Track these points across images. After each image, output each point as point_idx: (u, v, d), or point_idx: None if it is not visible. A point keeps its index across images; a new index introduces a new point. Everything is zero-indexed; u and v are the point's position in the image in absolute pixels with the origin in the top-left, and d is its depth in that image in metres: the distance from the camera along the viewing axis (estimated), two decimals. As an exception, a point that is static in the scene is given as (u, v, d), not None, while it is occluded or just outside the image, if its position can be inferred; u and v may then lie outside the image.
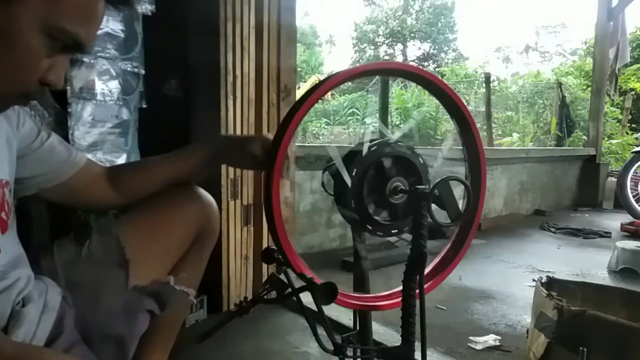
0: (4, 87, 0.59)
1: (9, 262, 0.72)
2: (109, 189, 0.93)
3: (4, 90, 0.60)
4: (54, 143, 0.84)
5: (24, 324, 0.68)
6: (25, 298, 0.72)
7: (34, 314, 0.71)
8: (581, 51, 15.00)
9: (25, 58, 0.58)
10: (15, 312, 0.68)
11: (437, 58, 25.87)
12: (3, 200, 0.70)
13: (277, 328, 1.72)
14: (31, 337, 0.68)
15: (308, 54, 20.00)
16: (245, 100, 1.84)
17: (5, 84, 0.59)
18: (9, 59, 0.57)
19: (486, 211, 4.16)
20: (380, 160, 0.88)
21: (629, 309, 1.46)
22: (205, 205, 0.99)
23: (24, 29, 0.56)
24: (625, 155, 6.30)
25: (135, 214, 0.95)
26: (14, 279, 0.71)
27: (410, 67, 0.93)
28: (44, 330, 0.71)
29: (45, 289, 0.77)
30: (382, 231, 0.91)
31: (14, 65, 0.58)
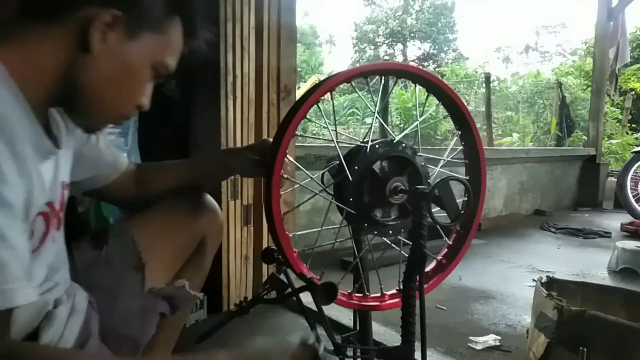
0: (117, 109, 0.70)
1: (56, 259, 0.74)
2: (133, 187, 0.98)
3: (117, 111, 0.70)
4: (102, 148, 0.90)
5: (54, 325, 0.70)
6: (57, 299, 0.74)
7: (63, 316, 0.73)
8: (581, 51, 15.01)
9: (137, 86, 0.70)
10: (49, 312, 0.70)
11: (437, 58, 25.87)
12: (62, 200, 0.74)
13: (277, 328, 1.72)
14: (58, 338, 0.70)
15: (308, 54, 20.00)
16: (245, 100, 1.84)
17: (118, 106, 0.70)
18: (125, 85, 0.68)
19: (486, 211, 4.16)
20: (380, 160, 0.88)
21: (629, 309, 1.46)
22: (211, 212, 1.04)
23: (140, 62, 0.68)
24: (625, 155, 6.30)
25: (144, 217, 0.98)
26: (56, 281, 0.74)
27: (410, 67, 0.93)
28: (72, 333, 0.74)
29: (73, 292, 0.79)
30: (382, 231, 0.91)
31: (129, 91, 0.69)
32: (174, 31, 0.70)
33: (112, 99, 0.68)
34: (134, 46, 0.65)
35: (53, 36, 0.61)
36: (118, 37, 0.63)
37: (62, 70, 0.62)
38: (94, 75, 0.64)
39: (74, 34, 0.61)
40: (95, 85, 0.65)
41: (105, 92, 0.66)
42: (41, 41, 0.61)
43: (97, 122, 0.71)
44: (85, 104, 0.66)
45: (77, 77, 0.63)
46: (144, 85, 0.71)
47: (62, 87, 0.63)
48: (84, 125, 0.72)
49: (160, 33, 0.68)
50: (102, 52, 0.62)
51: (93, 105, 0.66)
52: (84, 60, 0.62)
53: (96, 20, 0.61)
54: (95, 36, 0.61)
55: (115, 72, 0.66)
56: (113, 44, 0.63)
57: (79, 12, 0.61)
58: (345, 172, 0.85)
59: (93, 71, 0.64)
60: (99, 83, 0.65)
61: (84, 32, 0.61)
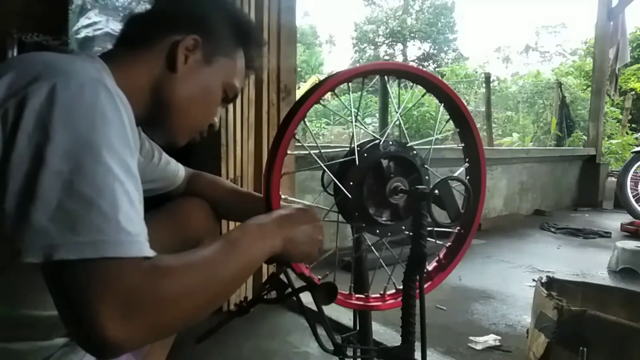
0: (196, 124, 0.80)
1: None
2: (181, 192, 1.06)
3: (195, 127, 0.81)
4: (163, 165, 1.00)
5: None
6: None
7: None
8: (581, 51, 15.02)
9: (212, 104, 0.80)
10: None
11: (437, 58, 25.89)
12: None
13: (277, 328, 1.72)
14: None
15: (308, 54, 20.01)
16: (245, 100, 1.84)
17: (197, 122, 0.80)
18: (204, 103, 0.79)
19: (486, 211, 4.16)
20: (377, 163, 0.88)
21: (629, 309, 1.46)
22: (208, 213, 1.06)
23: (215, 83, 0.79)
24: (625, 155, 6.31)
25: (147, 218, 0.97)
26: None
27: (410, 67, 0.93)
28: None
29: None
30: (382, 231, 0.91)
31: (205, 108, 0.80)
32: (240, 58, 0.82)
33: (192, 115, 0.78)
34: (210, 68, 0.77)
35: (146, 58, 0.73)
36: (197, 59, 0.75)
37: (153, 86, 0.73)
38: (178, 92, 0.74)
39: (162, 56, 0.73)
40: (179, 100, 0.75)
41: (186, 108, 0.76)
42: (136, 62, 0.73)
43: (178, 137, 0.80)
44: (170, 119, 0.76)
45: (164, 93, 0.74)
46: (217, 105, 0.81)
47: (152, 102, 0.73)
48: (167, 140, 0.80)
49: (230, 58, 0.80)
50: (185, 72, 0.74)
51: (176, 119, 0.76)
52: (170, 79, 0.73)
53: (181, 44, 0.72)
54: (180, 58, 0.73)
55: (196, 90, 0.76)
56: (194, 65, 0.74)
57: (168, 38, 0.73)
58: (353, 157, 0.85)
59: (178, 89, 0.74)
60: (182, 99, 0.75)
61: (171, 55, 0.73)
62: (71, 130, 0.50)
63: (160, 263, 0.51)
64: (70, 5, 1.72)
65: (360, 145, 0.88)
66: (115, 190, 0.50)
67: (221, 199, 1.07)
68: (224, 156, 1.78)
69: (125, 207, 0.50)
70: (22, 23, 1.70)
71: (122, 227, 0.48)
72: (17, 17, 1.71)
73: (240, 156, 1.84)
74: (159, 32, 0.74)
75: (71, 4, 1.72)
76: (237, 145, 1.82)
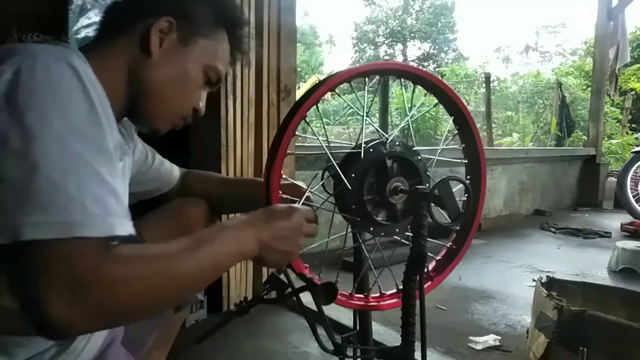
0: (176, 109, 0.79)
1: None
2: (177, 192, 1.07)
3: (176, 111, 0.79)
4: (157, 166, 1.00)
5: None
6: None
7: None
8: (581, 51, 15.01)
9: (192, 87, 0.78)
10: None
11: (437, 58, 25.88)
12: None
13: (277, 328, 1.72)
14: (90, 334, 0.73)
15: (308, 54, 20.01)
16: (245, 100, 1.84)
17: (177, 107, 0.78)
18: (182, 87, 0.77)
19: (486, 211, 4.16)
20: (380, 160, 0.88)
21: (629, 309, 1.46)
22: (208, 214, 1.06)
23: (193, 65, 0.76)
24: (625, 155, 6.30)
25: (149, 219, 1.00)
26: None
27: (410, 68, 0.93)
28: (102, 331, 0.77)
29: None
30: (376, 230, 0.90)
31: (185, 92, 0.78)
32: (221, 40, 0.80)
33: (171, 99, 0.76)
34: (188, 51, 0.75)
35: (121, 44, 0.72)
36: (173, 42, 0.74)
37: (129, 72, 0.72)
38: (155, 77, 0.73)
39: (136, 40, 0.72)
40: (156, 85, 0.74)
41: (165, 92, 0.75)
42: (112, 50, 0.72)
43: (159, 123, 0.78)
44: (148, 104, 0.75)
45: (141, 78, 0.73)
46: (198, 88, 0.80)
47: (130, 89, 0.73)
48: (149, 128, 0.79)
49: (210, 39, 0.78)
50: (160, 55, 0.73)
51: (155, 105, 0.75)
52: (145, 62, 0.72)
53: (154, 27, 0.71)
54: (154, 41, 0.72)
55: (173, 74, 0.75)
56: (169, 48, 0.73)
57: (141, 22, 0.72)
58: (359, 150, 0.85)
59: (154, 72, 0.73)
60: (159, 83, 0.74)
61: (145, 38, 0.71)
62: (35, 111, 0.50)
63: (117, 249, 0.51)
64: (70, 5, 1.72)
65: (366, 142, 0.88)
66: (80, 173, 0.50)
67: (212, 191, 1.08)
68: (224, 156, 1.78)
69: (93, 189, 0.50)
70: (22, 23, 1.70)
71: (88, 208, 0.48)
72: (17, 17, 1.71)
73: (240, 156, 1.84)
74: (133, 18, 0.73)
75: (71, 4, 1.72)
76: (237, 145, 1.82)
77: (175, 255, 0.56)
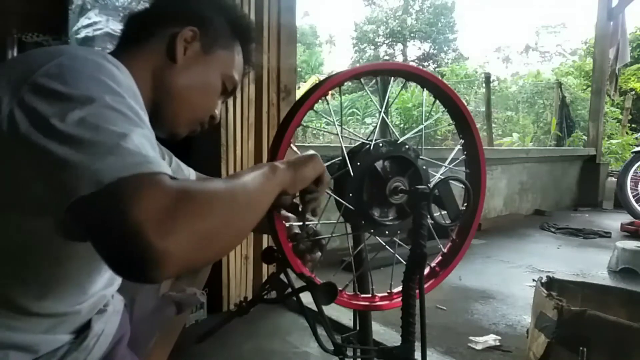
0: (196, 115, 0.82)
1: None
2: None
3: (196, 117, 0.82)
4: (174, 166, 1.00)
5: (102, 319, 0.77)
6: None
7: (110, 313, 0.80)
8: (581, 51, 15.01)
9: (211, 94, 0.82)
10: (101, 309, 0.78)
11: (437, 58, 25.88)
12: None
13: (277, 328, 1.72)
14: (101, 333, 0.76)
15: (308, 54, 20.01)
16: (245, 100, 1.84)
17: (197, 113, 0.82)
18: (203, 93, 0.81)
19: (486, 211, 4.16)
20: (383, 159, 0.88)
21: (629, 309, 1.46)
22: None
23: (214, 74, 0.81)
24: (625, 155, 6.31)
25: None
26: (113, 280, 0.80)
27: (410, 67, 0.93)
28: (112, 329, 0.79)
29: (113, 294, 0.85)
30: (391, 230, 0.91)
31: (205, 98, 0.82)
32: (237, 52, 0.85)
33: (192, 104, 0.80)
34: (209, 59, 0.80)
35: (147, 51, 0.77)
36: (196, 51, 0.78)
37: (154, 77, 0.76)
38: (179, 82, 0.77)
39: (162, 48, 0.77)
40: (180, 90, 0.77)
41: (187, 97, 0.79)
42: (138, 56, 0.76)
43: (179, 127, 0.81)
44: (171, 108, 0.78)
45: (166, 83, 0.76)
46: (217, 96, 0.83)
47: (154, 92, 0.76)
48: (169, 131, 0.81)
49: (228, 50, 0.83)
50: (184, 62, 0.77)
51: (177, 109, 0.79)
52: (171, 69, 0.76)
53: (180, 35, 0.76)
54: (179, 48, 0.76)
55: (195, 80, 0.79)
56: (192, 56, 0.78)
57: (166, 31, 0.77)
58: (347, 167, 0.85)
59: (178, 78, 0.77)
60: (182, 88, 0.78)
61: (171, 46, 0.76)
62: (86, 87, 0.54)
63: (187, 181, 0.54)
64: (70, 5, 1.72)
65: (351, 152, 0.88)
66: (135, 130, 0.52)
67: None
68: (224, 156, 1.78)
69: (147, 146, 0.52)
70: (22, 23, 1.70)
71: (145, 154, 0.50)
72: (17, 17, 1.71)
73: (240, 156, 1.84)
74: (158, 27, 0.78)
75: (71, 4, 1.72)
76: (237, 145, 1.82)
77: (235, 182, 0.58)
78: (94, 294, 0.74)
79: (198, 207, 0.49)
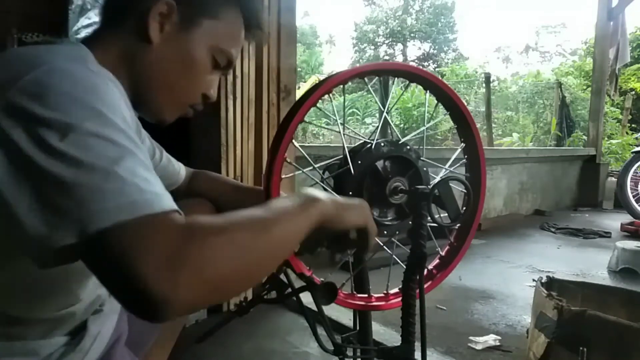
0: (183, 98, 0.74)
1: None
2: (183, 192, 1.02)
3: (183, 99, 0.74)
4: (164, 164, 0.96)
5: (99, 319, 0.76)
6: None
7: (107, 313, 0.78)
8: (581, 51, 15.00)
9: (198, 72, 0.72)
10: (97, 310, 0.76)
11: (437, 58, 25.87)
12: None
13: (277, 328, 1.72)
14: (97, 334, 0.74)
15: (308, 54, 20.00)
16: (245, 100, 1.84)
17: (183, 95, 0.73)
18: (188, 73, 0.71)
19: (486, 211, 4.15)
20: (384, 159, 0.88)
21: (629, 309, 1.46)
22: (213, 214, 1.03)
23: (200, 50, 0.70)
24: (625, 155, 6.30)
25: None
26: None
27: (410, 67, 0.93)
28: (109, 329, 0.79)
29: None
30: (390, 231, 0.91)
31: (191, 78, 0.72)
32: (230, 18, 0.73)
33: (176, 87, 0.71)
34: (191, 33, 0.69)
35: (120, 32, 0.67)
36: (175, 25, 0.68)
37: (129, 61, 0.67)
38: (158, 64, 0.68)
39: (135, 27, 0.66)
40: (159, 73, 0.69)
41: (169, 81, 0.70)
42: (113, 39, 0.67)
43: (165, 114, 0.74)
44: (153, 94, 0.70)
45: (142, 67, 0.68)
46: (206, 74, 0.73)
47: (132, 78, 0.68)
48: (155, 118, 0.75)
49: (216, 19, 0.71)
50: (161, 41, 0.67)
51: (160, 94, 0.71)
52: (146, 50, 0.67)
53: (152, 10, 0.65)
54: (153, 26, 0.66)
55: (176, 60, 0.69)
56: (171, 32, 0.68)
57: (138, 6, 0.66)
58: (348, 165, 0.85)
59: (156, 60, 0.68)
60: (162, 72, 0.69)
61: (143, 23, 0.66)
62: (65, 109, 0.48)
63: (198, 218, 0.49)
64: (70, 5, 1.72)
65: (353, 151, 0.88)
66: (126, 159, 0.48)
67: (222, 196, 1.04)
68: (224, 156, 1.78)
69: (142, 172, 0.48)
70: (22, 23, 1.70)
71: (143, 188, 0.46)
72: (17, 17, 1.72)
73: (240, 156, 1.84)
74: (131, 4, 0.68)
75: (71, 4, 1.72)
76: (237, 145, 1.82)
77: (263, 220, 0.53)
78: (86, 296, 0.71)
79: (209, 252, 0.45)
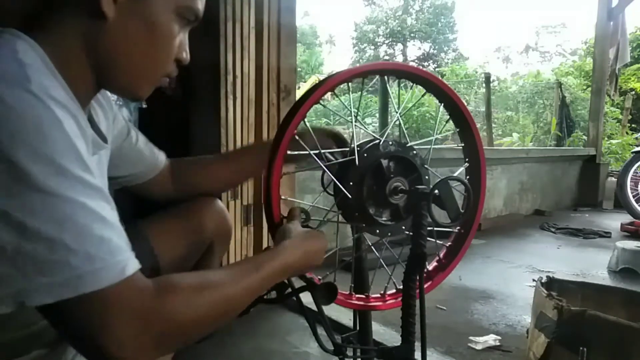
0: (155, 69, 0.66)
1: None
2: (170, 182, 0.99)
3: (156, 71, 0.67)
4: (141, 146, 0.93)
5: None
6: None
7: None
8: (581, 51, 15.01)
9: (165, 39, 0.65)
10: None
11: (437, 58, 25.89)
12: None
13: (277, 328, 1.72)
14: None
15: (308, 54, 20.01)
16: (245, 100, 1.84)
17: (152, 67, 0.66)
18: (153, 43, 0.63)
19: (486, 211, 4.15)
20: (380, 160, 0.88)
21: (629, 309, 1.46)
22: (220, 216, 1.04)
23: (163, 15, 0.63)
24: (625, 155, 6.31)
25: (156, 219, 0.98)
26: None
27: (410, 67, 0.93)
28: None
29: None
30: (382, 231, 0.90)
31: (159, 46, 0.64)
32: None
33: (145, 61, 0.64)
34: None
35: (69, 16, 0.60)
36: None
37: (86, 45, 0.60)
38: (119, 41, 0.61)
39: (84, 6, 0.59)
40: (124, 50, 0.62)
41: (136, 55, 0.63)
42: (60, 22, 0.60)
43: (139, 90, 0.67)
44: (122, 74, 0.64)
45: (104, 48, 0.61)
46: (173, 38, 0.66)
47: (92, 61, 0.62)
48: (129, 97, 0.69)
49: None
50: (117, 14, 0.59)
51: (130, 72, 0.64)
52: (103, 29, 0.60)
53: None
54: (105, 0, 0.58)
55: (138, 31, 0.62)
56: (125, 1, 0.60)
57: None
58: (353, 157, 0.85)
59: (117, 37, 0.61)
60: (126, 48, 0.62)
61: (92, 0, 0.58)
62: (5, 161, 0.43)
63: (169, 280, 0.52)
64: None
65: (360, 146, 0.88)
66: (75, 218, 0.45)
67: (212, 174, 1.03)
68: (224, 156, 1.78)
69: (94, 231, 0.46)
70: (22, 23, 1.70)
71: (93, 254, 0.45)
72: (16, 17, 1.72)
73: (240, 156, 1.84)
74: None
75: (71, 4, 1.72)
76: (237, 145, 1.82)
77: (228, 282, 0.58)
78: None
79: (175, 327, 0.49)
